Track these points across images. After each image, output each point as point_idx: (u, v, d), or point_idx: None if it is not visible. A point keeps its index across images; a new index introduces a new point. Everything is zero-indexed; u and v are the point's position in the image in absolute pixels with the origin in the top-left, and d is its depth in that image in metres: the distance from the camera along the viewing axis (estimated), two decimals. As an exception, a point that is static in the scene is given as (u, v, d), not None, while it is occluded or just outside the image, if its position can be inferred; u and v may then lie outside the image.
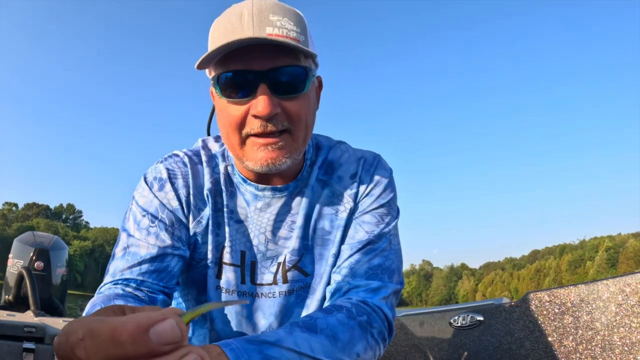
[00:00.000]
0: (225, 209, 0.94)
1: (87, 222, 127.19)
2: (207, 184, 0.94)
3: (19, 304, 2.42)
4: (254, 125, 0.82)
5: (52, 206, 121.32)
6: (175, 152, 0.98)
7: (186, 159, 0.95)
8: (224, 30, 0.80)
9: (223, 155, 0.98)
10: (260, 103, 0.79)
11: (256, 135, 0.82)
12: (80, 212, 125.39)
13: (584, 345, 1.26)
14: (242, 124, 0.83)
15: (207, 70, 0.87)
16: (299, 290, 0.96)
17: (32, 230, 2.85)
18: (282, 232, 0.95)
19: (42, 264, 2.57)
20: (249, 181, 0.94)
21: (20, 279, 2.43)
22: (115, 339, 0.30)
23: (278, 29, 0.78)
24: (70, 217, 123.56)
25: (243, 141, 0.84)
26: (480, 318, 1.58)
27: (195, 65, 0.81)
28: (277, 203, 0.94)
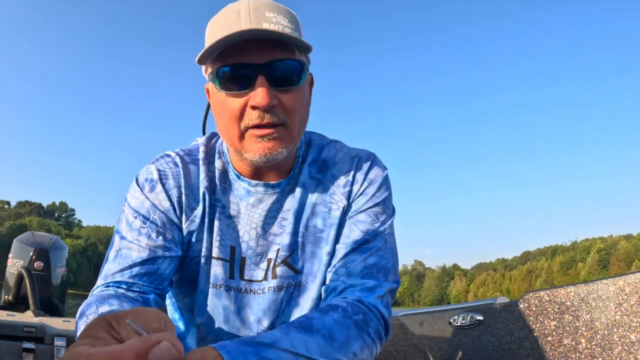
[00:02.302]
0: (217, 204, 0.95)
1: (79, 221, 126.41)
2: (202, 182, 0.94)
3: (18, 304, 2.42)
4: (252, 117, 0.83)
5: (44, 204, 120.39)
6: (167, 152, 0.99)
7: (178, 159, 0.96)
8: (222, 26, 0.82)
9: (219, 152, 0.99)
10: (259, 94, 0.81)
11: (254, 127, 0.84)
12: (73, 210, 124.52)
13: (584, 345, 1.27)
14: (240, 116, 0.84)
15: (203, 68, 0.89)
16: (289, 288, 0.96)
17: (26, 229, 2.84)
18: (273, 228, 0.95)
19: (41, 264, 2.56)
20: (242, 177, 0.95)
21: (20, 279, 2.42)
22: None
23: (274, 24, 0.81)
24: (63, 215, 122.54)
25: (242, 134, 0.86)
26: (480, 318, 1.59)
27: (196, 60, 0.84)
28: (269, 199, 0.95)
